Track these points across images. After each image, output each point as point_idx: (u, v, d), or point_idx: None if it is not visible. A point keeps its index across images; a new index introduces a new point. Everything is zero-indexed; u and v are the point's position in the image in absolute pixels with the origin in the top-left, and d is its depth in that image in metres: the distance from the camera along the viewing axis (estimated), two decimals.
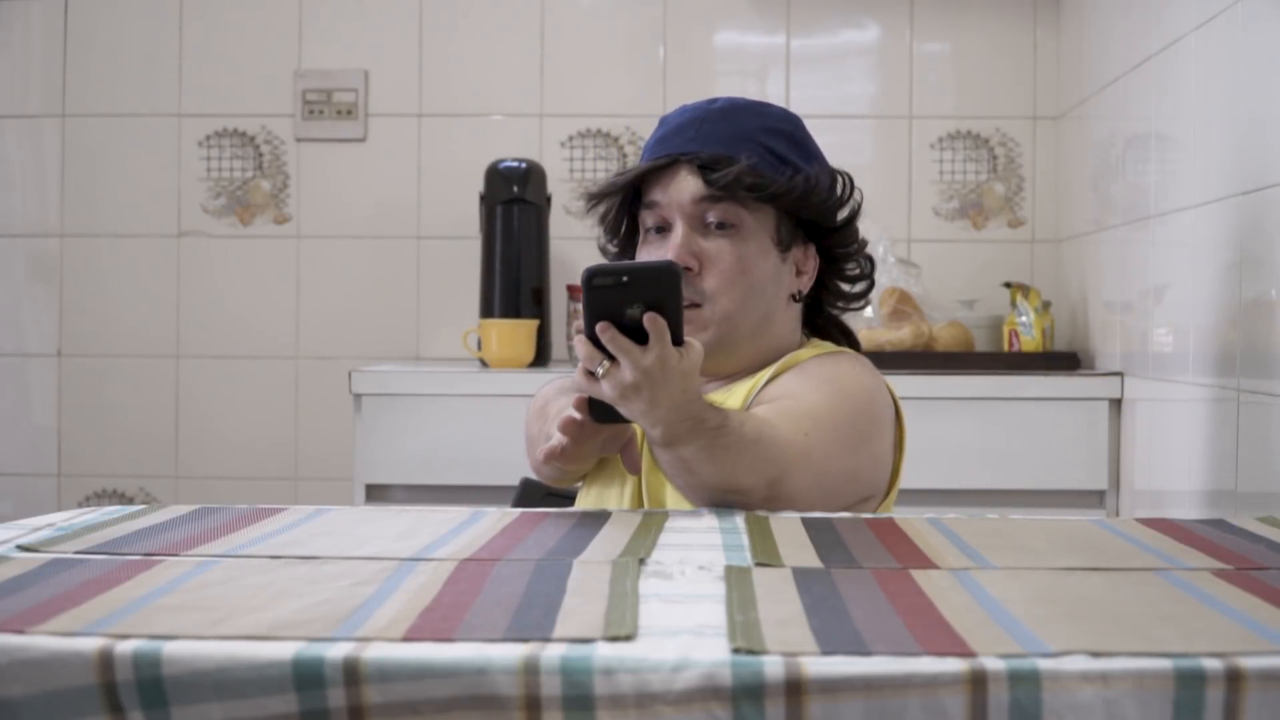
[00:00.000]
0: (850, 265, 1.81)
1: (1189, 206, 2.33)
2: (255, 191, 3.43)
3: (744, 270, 1.69)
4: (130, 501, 3.42)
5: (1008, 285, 3.09)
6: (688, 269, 1.68)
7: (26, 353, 3.46)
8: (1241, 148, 2.10)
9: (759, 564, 1.20)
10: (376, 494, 2.85)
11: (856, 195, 1.79)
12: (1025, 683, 0.86)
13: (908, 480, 2.76)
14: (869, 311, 3.03)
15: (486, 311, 3.12)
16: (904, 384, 2.79)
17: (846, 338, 1.87)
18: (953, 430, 2.77)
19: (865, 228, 3.04)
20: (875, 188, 3.37)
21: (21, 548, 1.26)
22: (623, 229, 1.79)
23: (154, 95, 3.43)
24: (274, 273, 3.42)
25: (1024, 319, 3.00)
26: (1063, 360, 2.92)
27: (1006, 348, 3.03)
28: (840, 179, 1.79)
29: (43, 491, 3.44)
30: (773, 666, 0.87)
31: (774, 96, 3.36)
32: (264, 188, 3.42)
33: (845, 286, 1.83)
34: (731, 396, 1.71)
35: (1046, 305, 3.02)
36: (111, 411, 3.43)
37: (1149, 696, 0.86)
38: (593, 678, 0.87)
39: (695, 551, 1.27)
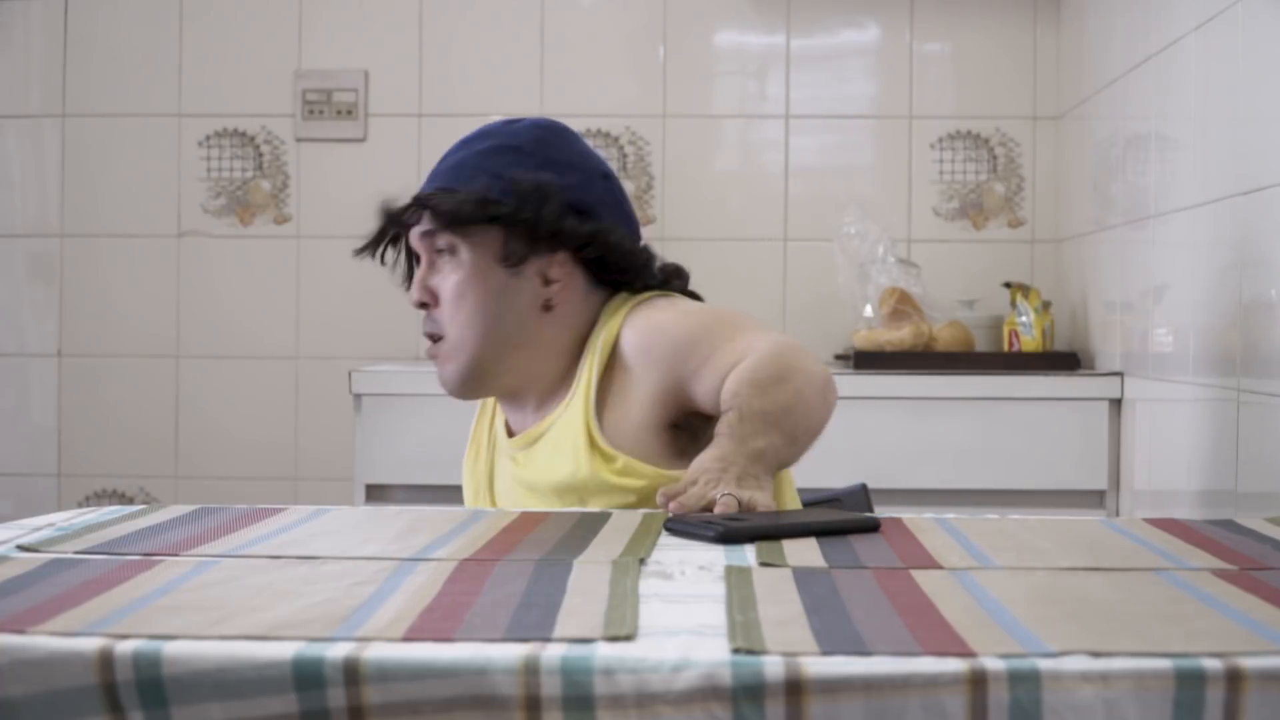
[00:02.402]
0: (617, 268, 1.77)
1: (1189, 206, 2.33)
2: (255, 191, 3.43)
3: (462, 295, 1.73)
4: (130, 501, 3.42)
5: (1008, 285, 3.09)
6: (424, 305, 1.76)
7: (26, 353, 3.46)
8: (1241, 148, 2.10)
9: (763, 564, 1.20)
10: (376, 494, 2.85)
11: (559, 197, 1.74)
12: (1025, 683, 0.86)
13: (908, 480, 2.78)
14: (869, 311, 3.03)
15: None
16: (904, 384, 2.80)
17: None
18: (953, 430, 2.77)
19: (865, 227, 3.08)
20: (875, 188, 3.37)
21: (21, 548, 1.26)
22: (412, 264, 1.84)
23: (154, 95, 3.43)
24: (274, 273, 3.42)
25: (1024, 319, 3.00)
26: (1063, 360, 2.92)
27: (1006, 348, 3.03)
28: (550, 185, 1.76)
29: (43, 491, 3.44)
30: (773, 666, 0.87)
31: (774, 97, 3.37)
32: (264, 188, 3.42)
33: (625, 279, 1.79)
34: (562, 421, 1.72)
35: (1046, 305, 3.02)
36: (111, 411, 3.43)
37: (1149, 697, 0.86)
38: (593, 678, 0.87)
39: (696, 551, 1.27)
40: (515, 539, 1.32)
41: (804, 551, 1.26)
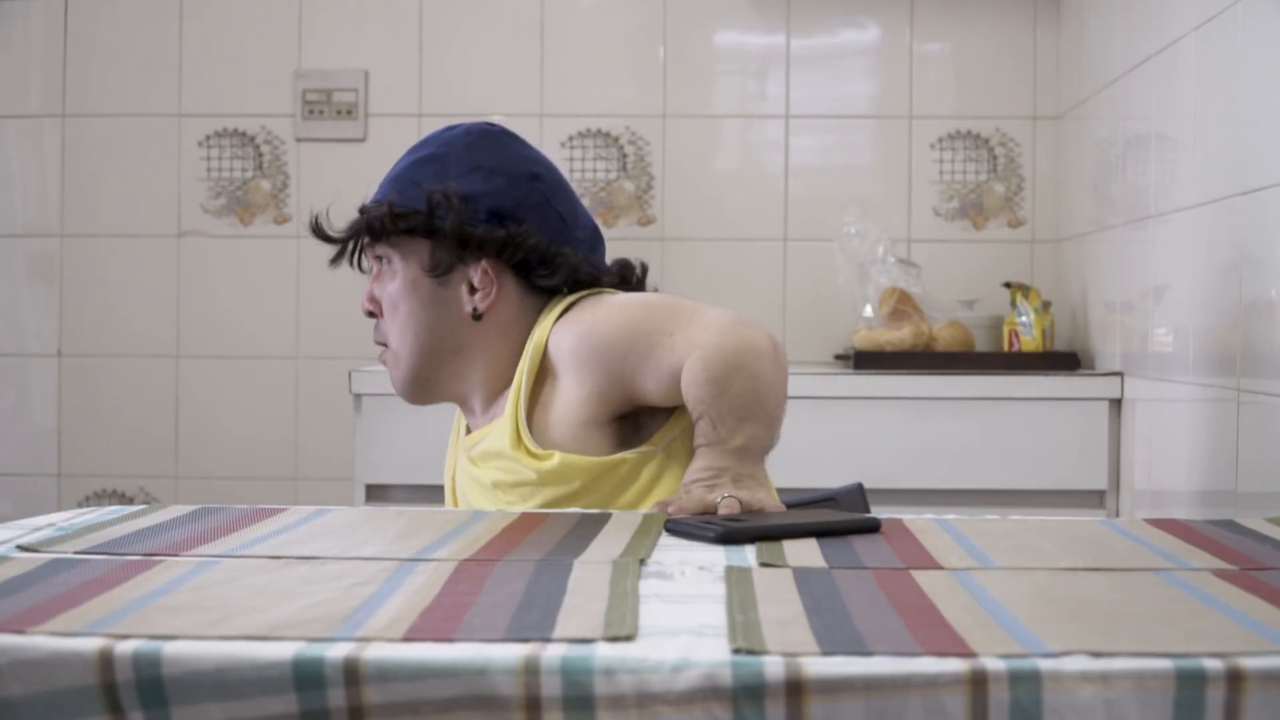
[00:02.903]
0: (541, 270, 1.77)
1: (1189, 206, 2.33)
2: (255, 191, 3.42)
3: (395, 306, 1.79)
4: (130, 501, 3.42)
5: (1008, 285, 3.09)
6: (371, 314, 1.82)
7: (26, 353, 3.46)
8: (1241, 148, 2.10)
9: (763, 564, 1.19)
10: (376, 494, 2.85)
11: (465, 205, 1.75)
12: (1026, 683, 0.86)
13: (908, 480, 2.78)
14: (869, 311, 3.03)
15: None
16: (904, 384, 2.79)
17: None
18: (953, 430, 2.77)
19: (865, 227, 3.08)
20: (875, 188, 3.37)
21: (22, 548, 1.26)
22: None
23: (154, 95, 3.42)
24: (274, 273, 3.42)
25: (1024, 319, 3.00)
26: (1063, 360, 2.92)
27: (1006, 348, 3.03)
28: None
29: (43, 491, 3.44)
30: (773, 667, 0.87)
31: (774, 97, 3.36)
32: (264, 188, 3.42)
33: (545, 281, 1.79)
34: (499, 424, 1.73)
35: (1046, 305, 3.02)
36: (111, 411, 3.43)
37: (1149, 697, 0.86)
38: (593, 678, 0.87)
39: (696, 552, 1.27)
40: (515, 539, 1.32)
41: (804, 552, 1.25)
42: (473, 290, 1.76)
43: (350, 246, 1.83)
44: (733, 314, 1.66)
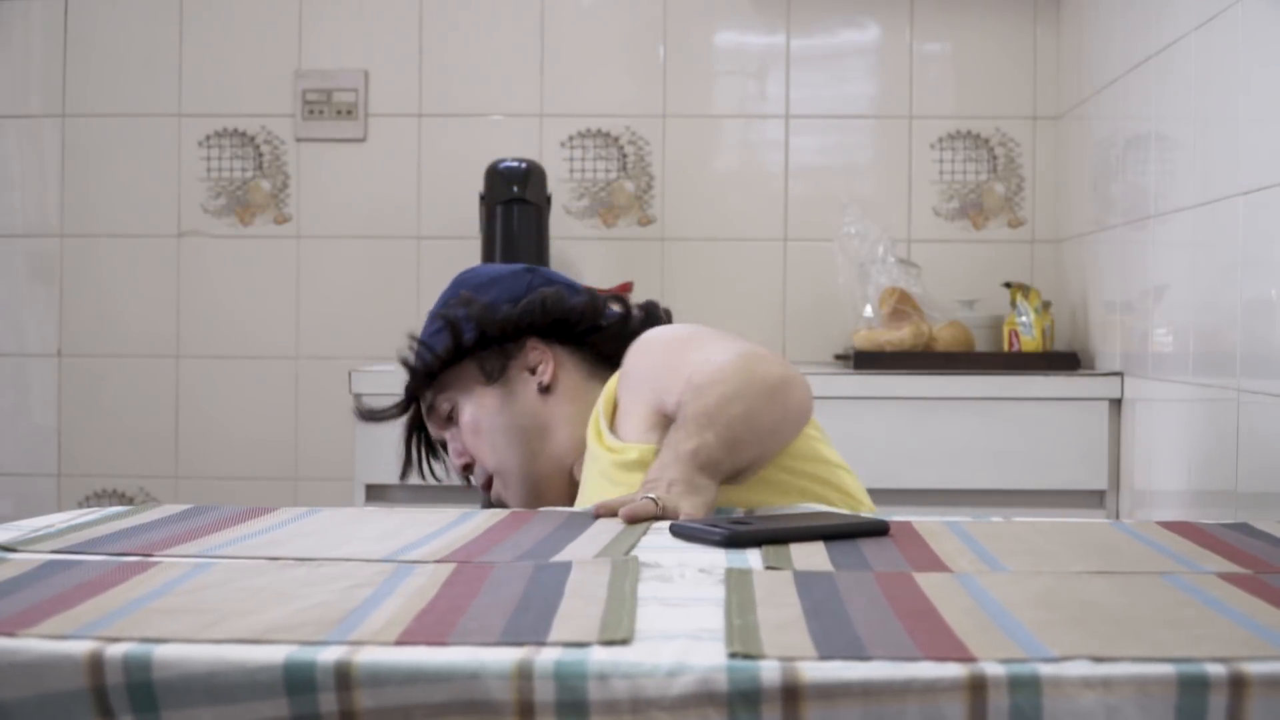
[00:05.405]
0: (569, 318, 1.87)
1: (1189, 206, 2.33)
2: (255, 191, 3.42)
3: (477, 432, 1.86)
4: (130, 502, 3.42)
5: (1008, 285, 3.08)
6: (468, 466, 1.89)
7: (26, 353, 3.46)
8: (1241, 148, 2.10)
9: (769, 567, 1.18)
10: (376, 494, 2.84)
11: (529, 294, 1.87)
12: (1026, 688, 0.85)
13: (908, 480, 2.77)
14: (869, 311, 3.03)
15: None
16: (904, 384, 2.79)
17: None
18: (953, 430, 2.76)
19: (865, 227, 3.07)
20: (875, 188, 3.37)
21: (2, 547, 1.25)
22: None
23: (154, 95, 3.42)
24: (274, 273, 3.41)
25: (1024, 319, 2.99)
26: (1063, 360, 2.91)
27: (1006, 348, 3.03)
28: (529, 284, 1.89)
29: (43, 491, 3.43)
30: (769, 671, 0.86)
31: (774, 96, 3.36)
32: (264, 188, 3.41)
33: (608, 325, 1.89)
34: (598, 461, 1.73)
35: (1046, 305, 3.02)
36: (111, 411, 3.43)
37: (1151, 702, 0.86)
38: (586, 683, 0.86)
39: (697, 554, 1.26)
40: (498, 538, 1.31)
41: (810, 555, 1.24)
42: (532, 371, 1.84)
43: (411, 439, 1.97)
44: (756, 348, 1.65)
